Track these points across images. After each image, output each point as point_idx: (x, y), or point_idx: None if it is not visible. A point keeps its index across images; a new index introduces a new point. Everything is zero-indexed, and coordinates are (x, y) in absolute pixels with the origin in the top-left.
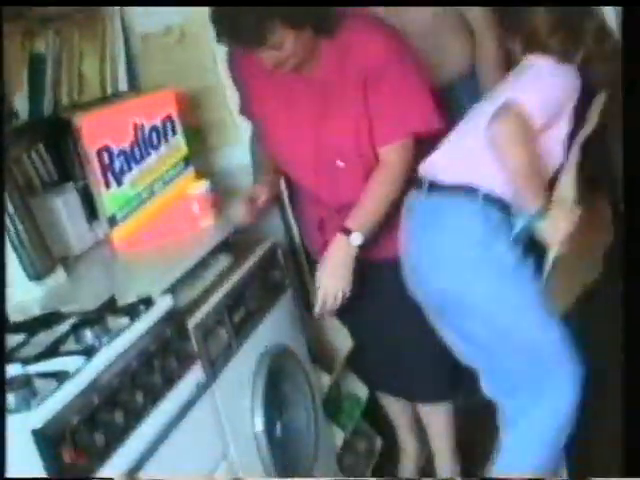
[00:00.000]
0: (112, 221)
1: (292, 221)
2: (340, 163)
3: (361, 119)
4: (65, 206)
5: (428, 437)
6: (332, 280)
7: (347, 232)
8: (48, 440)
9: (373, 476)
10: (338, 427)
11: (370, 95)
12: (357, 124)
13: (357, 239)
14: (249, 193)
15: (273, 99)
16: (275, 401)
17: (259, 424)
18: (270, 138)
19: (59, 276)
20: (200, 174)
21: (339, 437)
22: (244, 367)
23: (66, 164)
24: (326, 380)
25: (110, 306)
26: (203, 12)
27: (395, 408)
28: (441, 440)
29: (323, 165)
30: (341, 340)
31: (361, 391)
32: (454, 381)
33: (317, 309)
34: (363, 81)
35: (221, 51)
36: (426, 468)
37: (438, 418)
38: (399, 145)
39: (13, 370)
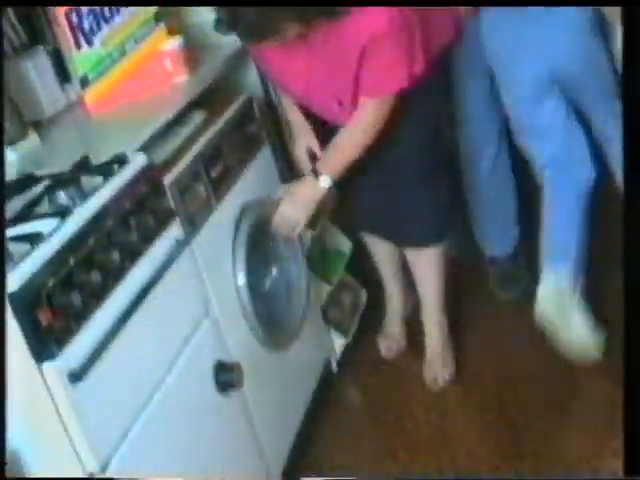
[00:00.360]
0: (84, 82)
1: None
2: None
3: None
4: (36, 69)
5: (416, 286)
6: (291, 209)
7: (316, 174)
8: (24, 303)
9: (359, 328)
10: (323, 281)
11: (366, 55)
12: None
13: (325, 182)
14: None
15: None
16: (260, 256)
17: (241, 278)
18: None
19: (32, 140)
20: (172, 31)
21: (324, 291)
22: (224, 222)
23: (36, 27)
24: (308, 235)
25: (83, 166)
26: None
27: (382, 256)
28: (429, 288)
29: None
30: None
31: (345, 245)
32: (447, 222)
33: (272, 229)
34: (362, 45)
35: None
36: (412, 319)
37: (428, 264)
38: (379, 99)
39: None
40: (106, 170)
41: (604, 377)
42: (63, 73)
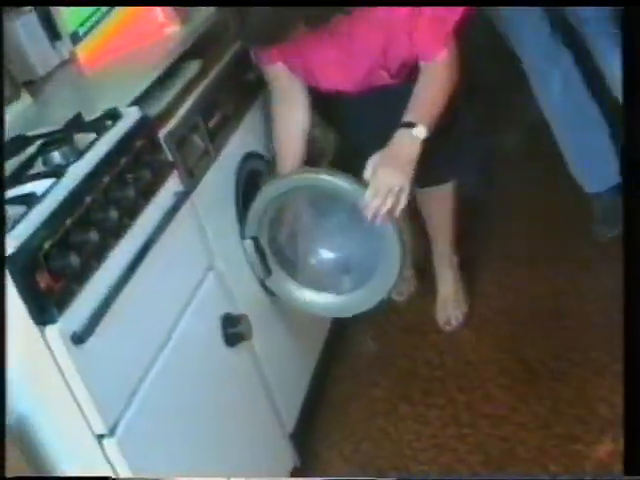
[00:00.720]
0: (75, 38)
1: None
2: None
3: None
4: (24, 29)
5: (427, 226)
6: (390, 174)
7: (410, 125)
8: (21, 267)
9: None
10: None
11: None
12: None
13: (421, 132)
14: None
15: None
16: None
17: (245, 229)
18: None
19: (25, 101)
20: None
21: None
22: (225, 172)
23: None
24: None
25: (76, 124)
26: None
27: None
28: (441, 228)
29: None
30: (326, 137)
31: None
32: (457, 161)
33: (365, 208)
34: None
35: None
36: (422, 261)
37: (440, 203)
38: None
39: None
40: (99, 126)
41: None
42: (53, 31)
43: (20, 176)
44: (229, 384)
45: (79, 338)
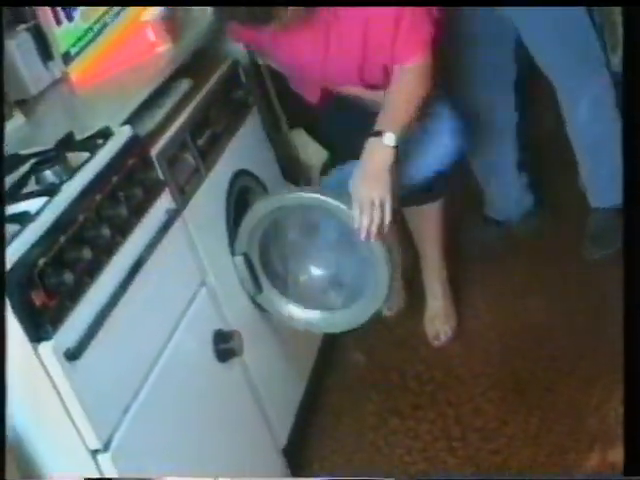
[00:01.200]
0: (67, 58)
1: None
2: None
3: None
4: (18, 48)
5: (416, 241)
6: (368, 187)
7: (378, 134)
8: (16, 284)
9: None
10: None
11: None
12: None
13: (390, 139)
14: None
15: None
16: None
17: (236, 246)
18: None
19: (18, 120)
20: None
21: None
22: (216, 190)
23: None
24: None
25: (68, 142)
26: None
27: None
28: (430, 243)
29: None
30: (313, 155)
31: None
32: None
33: (358, 227)
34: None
35: None
36: (411, 275)
37: (429, 219)
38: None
39: None
40: (91, 145)
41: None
42: (45, 50)
43: (14, 194)
44: (221, 399)
45: (72, 355)
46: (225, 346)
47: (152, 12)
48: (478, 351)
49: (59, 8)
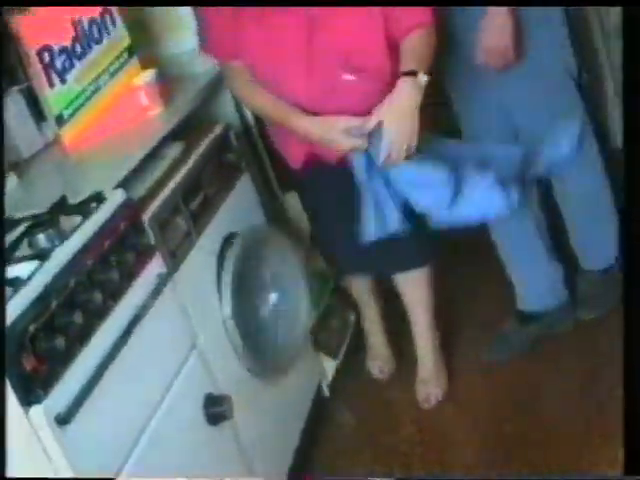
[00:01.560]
0: (60, 120)
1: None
2: (348, 77)
3: (371, 16)
4: (11, 110)
5: (406, 306)
6: (400, 126)
7: (412, 73)
8: (7, 349)
9: (347, 351)
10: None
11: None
12: (367, 20)
13: (423, 78)
14: None
15: (254, 26)
16: (245, 286)
17: (227, 309)
18: (257, 69)
19: (10, 182)
20: (146, 63)
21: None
22: (206, 254)
23: (8, 67)
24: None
25: (61, 206)
26: None
27: (357, 282)
28: (420, 309)
29: (327, 82)
30: (304, 219)
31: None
32: (432, 242)
33: (381, 158)
34: None
35: None
36: (401, 337)
37: (418, 285)
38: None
39: None
40: (84, 209)
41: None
42: (38, 112)
43: (7, 258)
44: (211, 461)
45: (63, 419)
46: (216, 410)
47: (145, 77)
48: (469, 413)
49: (52, 71)
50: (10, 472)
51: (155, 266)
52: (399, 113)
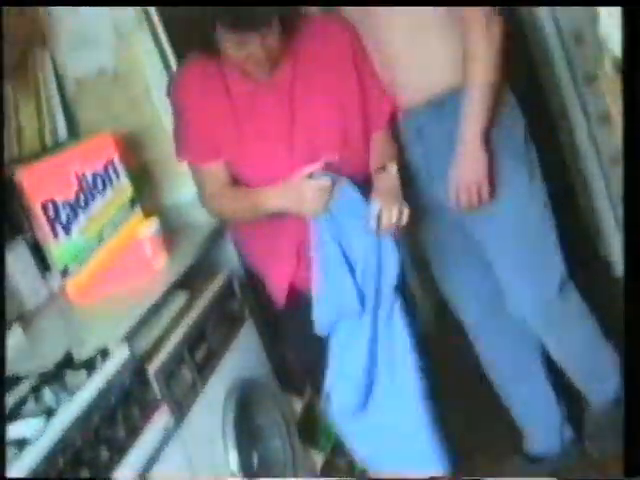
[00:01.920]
0: (65, 273)
1: None
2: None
3: (346, 94)
4: (16, 262)
5: None
6: (392, 206)
7: (383, 169)
8: None
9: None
10: (316, 449)
11: (356, 72)
12: (342, 100)
13: (394, 168)
14: None
15: (232, 117)
16: (248, 434)
17: (234, 462)
18: (238, 163)
19: (16, 334)
20: (148, 212)
21: (318, 458)
22: (212, 405)
23: (13, 219)
24: (298, 404)
25: (67, 362)
26: (135, 52)
27: None
28: None
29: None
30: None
31: None
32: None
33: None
34: (338, 64)
35: (157, 87)
36: None
37: None
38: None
39: None
40: (89, 365)
41: None
42: (43, 262)
43: (13, 414)
44: None
45: None
46: None
47: (149, 228)
48: None
49: (57, 223)
50: None
51: (161, 419)
52: (388, 201)
